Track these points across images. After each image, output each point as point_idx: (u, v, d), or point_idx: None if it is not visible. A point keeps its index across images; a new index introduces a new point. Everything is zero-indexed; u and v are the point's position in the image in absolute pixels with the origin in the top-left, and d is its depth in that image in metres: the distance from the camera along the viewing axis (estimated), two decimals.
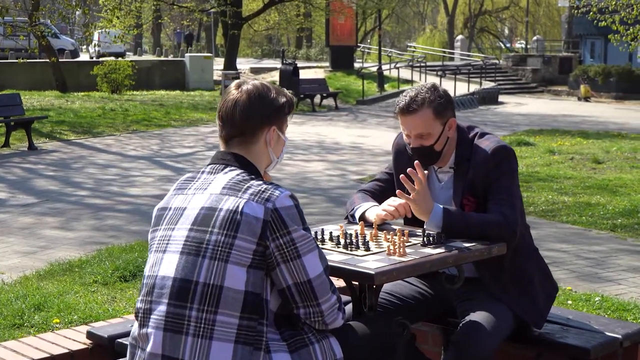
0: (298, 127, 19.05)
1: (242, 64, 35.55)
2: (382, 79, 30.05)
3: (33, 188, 11.06)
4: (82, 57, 39.34)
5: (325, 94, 25.55)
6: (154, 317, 2.50)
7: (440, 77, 29.58)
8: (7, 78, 25.57)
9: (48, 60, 23.37)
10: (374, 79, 30.26)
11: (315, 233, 3.06)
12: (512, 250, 3.20)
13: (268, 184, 2.55)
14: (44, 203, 9.91)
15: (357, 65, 35.37)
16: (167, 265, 2.53)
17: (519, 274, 3.30)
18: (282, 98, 2.69)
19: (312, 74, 30.45)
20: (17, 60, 23.34)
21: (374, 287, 2.89)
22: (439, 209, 3.15)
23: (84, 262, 6.69)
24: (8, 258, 7.21)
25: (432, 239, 3.07)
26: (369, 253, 2.97)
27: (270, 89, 2.68)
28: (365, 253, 2.96)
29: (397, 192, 3.20)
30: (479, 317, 3.11)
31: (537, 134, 18.00)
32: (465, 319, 3.12)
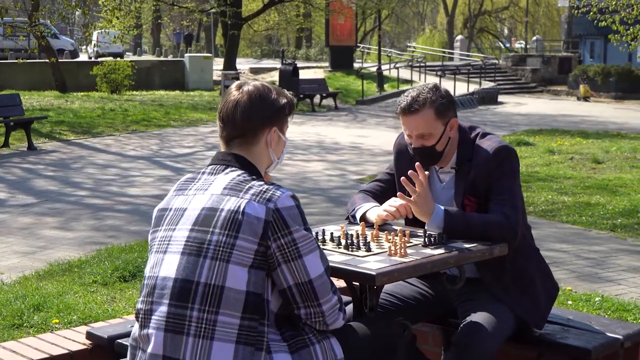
0: (298, 127, 19.05)
1: (241, 64, 35.52)
2: (381, 79, 30.06)
3: (32, 188, 11.05)
4: (81, 57, 39.35)
5: (325, 94, 25.55)
6: (155, 317, 2.50)
7: (440, 77, 29.61)
8: (6, 78, 25.57)
9: (47, 61, 23.35)
10: (374, 79, 30.26)
11: (317, 233, 3.06)
12: (513, 251, 3.19)
13: (269, 185, 2.55)
14: (44, 203, 9.90)
15: (356, 66, 35.37)
16: (168, 266, 2.53)
17: (520, 275, 3.29)
18: (282, 99, 2.69)
19: (311, 74, 30.46)
20: (16, 61, 23.34)
21: (375, 287, 2.89)
22: (440, 210, 3.15)
23: (84, 262, 6.69)
24: (7, 258, 7.20)
25: (433, 240, 3.06)
26: (370, 254, 2.96)
27: (271, 90, 2.68)
28: (366, 254, 2.96)
29: (398, 194, 3.20)
30: (480, 317, 3.10)
31: (536, 134, 18.00)
32: (466, 320, 3.12)
